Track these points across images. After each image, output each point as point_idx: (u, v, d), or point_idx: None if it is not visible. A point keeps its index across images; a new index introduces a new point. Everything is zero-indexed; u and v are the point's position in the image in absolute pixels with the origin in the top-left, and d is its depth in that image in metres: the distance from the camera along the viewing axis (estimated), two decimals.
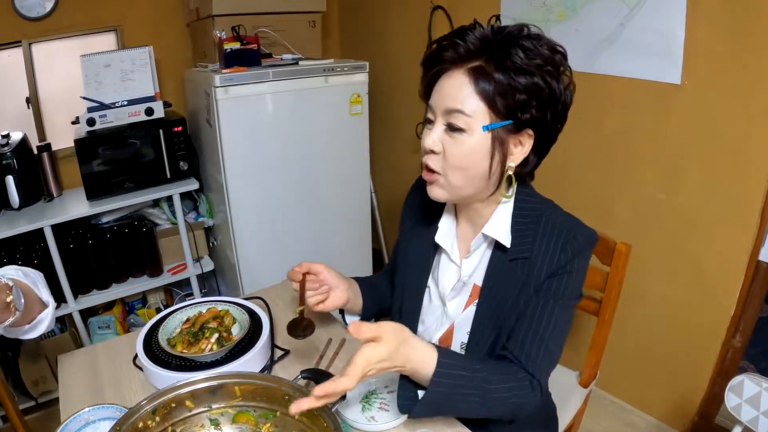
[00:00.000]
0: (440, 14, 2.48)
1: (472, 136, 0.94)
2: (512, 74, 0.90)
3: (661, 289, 2.01)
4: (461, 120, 0.94)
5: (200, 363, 1.11)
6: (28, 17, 2.36)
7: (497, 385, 0.95)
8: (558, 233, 1.00)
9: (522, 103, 0.92)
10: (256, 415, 1.00)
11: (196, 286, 2.65)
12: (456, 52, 0.94)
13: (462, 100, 0.93)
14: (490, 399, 0.94)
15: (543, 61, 0.91)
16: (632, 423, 2.19)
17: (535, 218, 1.03)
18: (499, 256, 1.03)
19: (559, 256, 0.99)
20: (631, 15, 1.82)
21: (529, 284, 1.00)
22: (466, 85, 0.93)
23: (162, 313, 1.24)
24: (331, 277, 1.19)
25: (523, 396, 0.98)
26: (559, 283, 1.00)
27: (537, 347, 0.99)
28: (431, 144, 0.98)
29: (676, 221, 1.91)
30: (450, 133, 0.96)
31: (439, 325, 1.14)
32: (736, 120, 1.68)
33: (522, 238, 1.02)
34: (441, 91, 0.97)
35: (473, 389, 0.94)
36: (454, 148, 0.96)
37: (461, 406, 0.96)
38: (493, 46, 0.92)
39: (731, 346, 1.88)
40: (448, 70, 0.96)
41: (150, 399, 0.94)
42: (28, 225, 2.13)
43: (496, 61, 0.91)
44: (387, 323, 0.89)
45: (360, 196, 2.63)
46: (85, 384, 1.17)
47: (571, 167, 2.11)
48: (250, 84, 2.14)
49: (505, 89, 0.91)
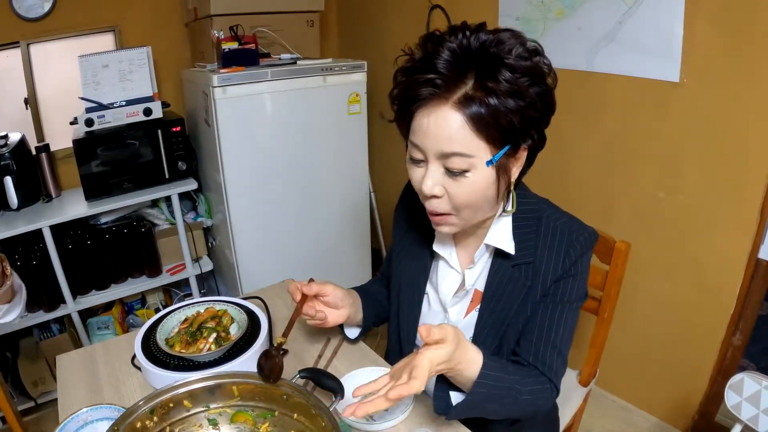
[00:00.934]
0: (438, 13, 2.48)
1: (475, 173, 0.87)
2: (504, 99, 0.82)
3: (661, 288, 2.01)
4: (463, 162, 0.86)
5: (198, 363, 1.10)
6: (26, 18, 2.36)
7: (526, 388, 0.96)
8: (560, 236, 1.00)
9: (520, 126, 0.86)
10: (255, 414, 1.00)
11: (195, 287, 2.64)
12: (433, 87, 0.84)
13: (459, 141, 0.84)
14: (520, 401, 0.95)
15: (531, 75, 0.85)
16: (632, 422, 2.18)
17: (535, 221, 1.02)
18: (501, 263, 1.02)
19: (564, 259, 0.99)
20: (629, 13, 1.82)
21: (536, 289, 1.00)
22: (459, 122, 0.83)
23: (160, 314, 1.23)
24: (337, 298, 1.15)
25: (544, 399, 1.00)
26: (566, 287, 1.00)
27: (551, 353, 1.00)
28: (431, 189, 0.90)
29: (676, 219, 1.91)
30: (451, 176, 0.88)
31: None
32: (735, 117, 1.67)
33: (524, 242, 1.01)
34: (428, 131, 0.86)
35: (508, 391, 0.94)
36: (460, 190, 0.89)
37: (494, 407, 0.95)
38: (473, 65, 0.83)
39: (731, 345, 1.87)
40: (427, 105, 0.86)
41: (148, 399, 0.93)
42: (26, 226, 2.13)
43: (482, 85, 0.83)
44: (447, 326, 0.87)
45: (359, 195, 2.63)
46: (84, 384, 1.17)
47: (570, 166, 2.11)
48: (248, 84, 2.13)
49: (501, 116, 0.83)
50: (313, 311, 1.12)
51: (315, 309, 1.12)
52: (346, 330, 1.28)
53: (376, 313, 1.29)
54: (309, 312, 1.12)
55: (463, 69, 0.83)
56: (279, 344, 1.01)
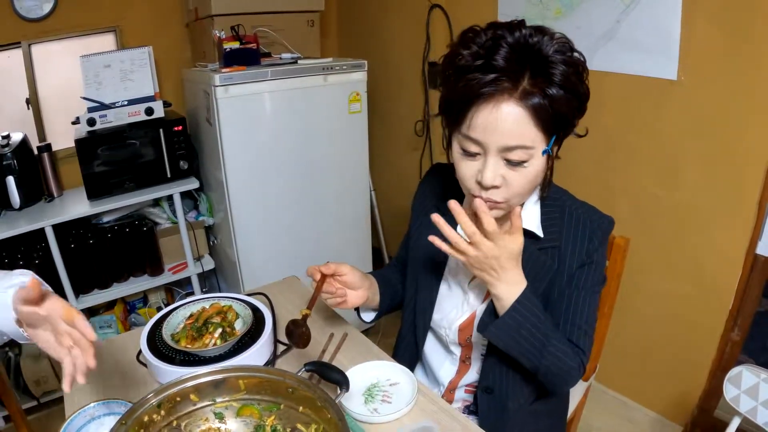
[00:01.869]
0: (438, 12, 2.49)
1: (533, 163, 0.93)
2: (558, 90, 0.87)
3: (660, 284, 2.02)
4: (524, 154, 0.91)
5: (204, 358, 1.12)
6: (28, 18, 2.37)
7: (556, 343, 1.00)
8: (583, 223, 1.06)
9: (571, 116, 0.92)
10: (261, 408, 1.01)
11: (196, 285, 2.65)
12: (497, 81, 0.87)
13: (521, 134, 0.89)
14: (546, 351, 1.00)
15: (574, 66, 0.89)
16: (632, 418, 2.20)
17: (559, 208, 1.07)
18: (527, 246, 1.03)
19: (588, 246, 1.05)
20: (627, 11, 1.83)
21: (562, 272, 1.06)
22: (521, 116, 0.88)
23: (166, 309, 1.25)
24: (356, 279, 1.17)
25: (572, 368, 1.03)
26: (588, 274, 1.06)
27: (579, 336, 1.06)
28: (492, 180, 0.93)
29: (674, 216, 1.92)
30: (511, 166, 0.93)
31: (460, 313, 1.15)
32: (732, 115, 1.69)
33: (550, 227, 1.06)
34: (492, 126, 0.89)
35: (538, 333, 0.99)
36: (518, 179, 0.94)
37: (523, 344, 1.00)
38: (529, 60, 0.87)
39: (730, 340, 1.89)
40: (489, 101, 0.89)
41: (156, 392, 0.94)
42: (29, 225, 2.14)
43: (539, 82, 0.87)
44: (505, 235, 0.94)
45: (359, 193, 2.64)
46: (89, 380, 1.16)
47: (569, 163, 2.07)
48: (249, 83, 2.15)
49: (557, 107, 0.88)
50: (334, 288, 1.14)
51: (335, 287, 1.15)
52: (362, 313, 1.30)
53: (392, 297, 1.32)
54: (330, 290, 1.14)
55: (521, 65, 0.87)
56: (304, 315, 1.06)
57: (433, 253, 1.18)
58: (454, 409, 1.09)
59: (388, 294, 1.31)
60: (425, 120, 2.73)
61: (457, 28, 2.19)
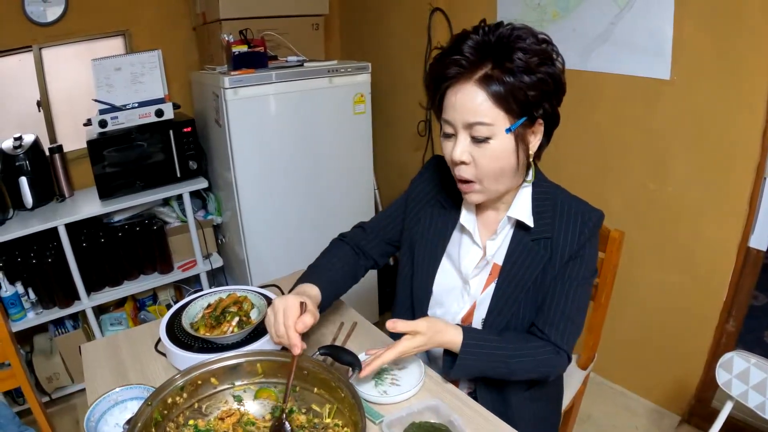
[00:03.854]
0: (439, 16, 2.53)
1: (496, 141, 1.01)
2: (519, 75, 0.96)
3: (655, 276, 2.07)
4: (484, 130, 1.00)
5: (223, 345, 1.17)
6: (39, 23, 2.41)
7: (518, 358, 1.11)
8: (575, 216, 1.12)
9: (534, 99, 0.99)
10: (277, 390, 1.06)
11: (205, 282, 2.70)
12: (459, 67, 0.99)
13: (481, 111, 0.99)
14: (513, 367, 1.11)
15: (540, 56, 0.98)
16: (630, 407, 2.24)
17: (551, 201, 1.14)
18: (521, 237, 1.14)
19: (579, 237, 1.11)
20: (621, 14, 1.89)
21: (554, 262, 1.12)
22: (480, 96, 0.98)
23: (185, 300, 1.30)
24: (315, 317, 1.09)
25: (550, 361, 1.13)
26: (580, 265, 1.13)
27: (563, 322, 1.13)
28: (460, 155, 1.03)
29: (667, 210, 1.97)
30: (476, 143, 1.02)
31: (461, 306, 1.21)
32: (723, 112, 1.75)
33: (542, 219, 1.13)
34: (456, 106, 1.01)
35: (496, 361, 1.10)
36: (484, 157, 1.02)
37: (489, 372, 1.12)
38: (492, 51, 0.98)
39: (725, 331, 1.93)
40: (455, 84, 1.01)
41: (182, 375, 1.00)
42: (41, 224, 2.18)
43: (500, 66, 0.97)
44: (421, 321, 1.07)
45: (364, 192, 2.69)
46: (109, 369, 1.22)
47: (565, 160, 2.16)
48: (257, 85, 2.20)
49: (517, 90, 0.97)
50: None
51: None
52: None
53: (332, 295, 1.27)
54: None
55: (483, 53, 0.98)
56: (282, 412, 1.00)
57: (433, 246, 1.23)
58: (457, 389, 1.15)
59: (332, 296, 1.27)
60: (427, 120, 2.77)
61: (458, 30, 2.27)
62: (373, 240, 1.37)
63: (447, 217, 1.23)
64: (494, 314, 1.16)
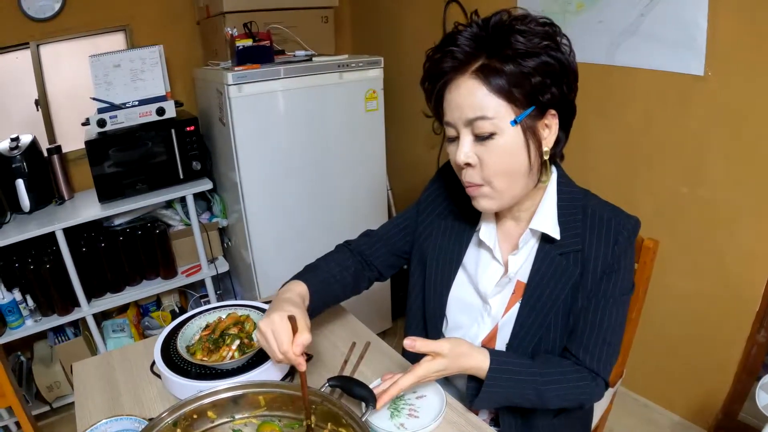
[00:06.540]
0: (455, 7, 2.44)
1: (503, 136, 0.91)
2: (520, 61, 0.88)
3: (685, 284, 1.98)
4: (487, 125, 0.90)
5: (222, 371, 1.06)
6: (36, 18, 2.34)
7: (551, 385, 1.00)
8: (607, 225, 1.00)
9: (539, 85, 0.89)
10: (282, 425, 0.96)
11: (210, 288, 2.63)
12: (454, 59, 0.91)
13: (480, 105, 0.90)
14: (546, 395, 1.00)
15: (541, 38, 0.89)
16: (655, 421, 2.16)
17: (580, 209, 1.02)
18: (547, 251, 1.01)
19: (614, 248, 0.99)
20: (651, 5, 1.78)
21: (586, 278, 1.00)
22: (478, 88, 0.90)
23: (179, 319, 1.20)
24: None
25: (584, 388, 1.03)
26: (616, 281, 1.01)
27: (599, 346, 1.02)
28: (465, 158, 0.94)
29: (700, 215, 1.88)
30: (480, 142, 0.93)
31: (481, 328, 1.10)
32: (761, 110, 1.64)
33: (570, 230, 1.01)
34: (454, 103, 0.93)
35: (527, 389, 0.99)
36: (490, 156, 0.93)
37: (518, 401, 1.02)
38: (488, 41, 0.90)
39: (756, 342, 1.84)
40: (451, 81, 0.93)
41: (171, 410, 0.90)
42: (39, 229, 2.11)
43: (497, 54, 0.88)
44: (443, 342, 0.96)
45: (376, 193, 2.60)
46: (101, 392, 1.14)
47: (593, 160, 2.08)
48: (263, 81, 2.10)
49: (519, 77, 0.88)
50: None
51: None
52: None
53: (323, 302, 1.19)
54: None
55: (479, 43, 0.90)
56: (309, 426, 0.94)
57: (448, 260, 1.14)
58: (481, 421, 1.03)
59: (323, 299, 1.17)
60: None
61: None
62: (380, 249, 1.27)
63: (462, 230, 1.13)
64: (519, 338, 1.04)
